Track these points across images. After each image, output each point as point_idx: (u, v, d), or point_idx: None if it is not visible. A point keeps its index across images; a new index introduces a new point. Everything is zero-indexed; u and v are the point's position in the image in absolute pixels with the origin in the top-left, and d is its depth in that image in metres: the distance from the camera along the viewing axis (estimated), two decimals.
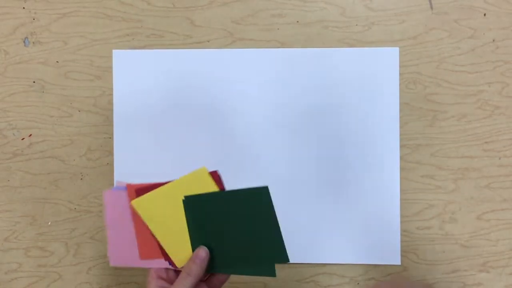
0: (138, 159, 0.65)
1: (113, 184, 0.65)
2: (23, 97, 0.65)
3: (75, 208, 0.65)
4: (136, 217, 0.51)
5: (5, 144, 0.65)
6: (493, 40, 0.64)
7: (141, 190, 0.52)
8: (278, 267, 0.64)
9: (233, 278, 0.64)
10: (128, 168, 0.65)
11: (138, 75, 0.65)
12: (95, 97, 0.65)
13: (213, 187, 0.51)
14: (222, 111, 0.65)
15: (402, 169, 0.64)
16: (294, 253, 0.64)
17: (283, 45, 0.65)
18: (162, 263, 0.51)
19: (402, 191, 0.64)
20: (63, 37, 0.65)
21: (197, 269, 0.48)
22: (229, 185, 0.64)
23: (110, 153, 0.65)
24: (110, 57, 0.65)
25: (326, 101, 0.64)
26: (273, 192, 0.64)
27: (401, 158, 0.64)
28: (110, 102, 0.65)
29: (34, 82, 0.65)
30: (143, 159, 0.65)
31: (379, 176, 0.64)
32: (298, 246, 0.64)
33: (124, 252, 0.51)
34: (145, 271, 0.65)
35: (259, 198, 0.50)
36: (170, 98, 0.65)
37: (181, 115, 0.65)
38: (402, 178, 0.64)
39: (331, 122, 0.64)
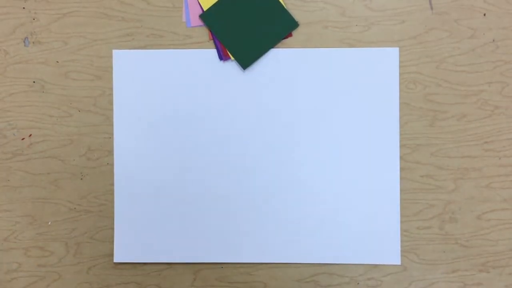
0: (138, 159, 0.65)
1: (113, 184, 0.65)
2: (23, 97, 0.65)
3: (75, 208, 0.65)
4: None
5: (5, 144, 0.65)
6: (493, 40, 0.64)
7: None
8: (278, 267, 0.64)
9: (233, 277, 0.64)
10: (128, 168, 0.65)
11: (138, 75, 0.65)
12: (95, 97, 0.65)
13: None
14: (222, 111, 0.65)
15: (402, 169, 0.64)
16: (294, 253, 0.64)
17: (283, 44, 0.65)
18: None
19: (402, 191, 0.64)
20: (63, 37, 0.65)
21: None
22: (228, 185, 0.65)
23: (110, 153, 0.65)
24: (110, 57, 0.65)
25: (326, 101, 0.64)
26: (274, 192, 0.65)
27: (401, 158, 0.64)
28: (110, 102, 0.65)
29: (34, 82, 0.65)
30: (143, 159, 0.65)
31: (379, 176, 0.64)
32: (298, 246, 0.64)
33: None
34: (145, 271, 0.65)
35: None
36: (170, 98, 0.65)
37: (181, 115, 0.65)
38: (402, 178, 0.64)
39: (331, 122, 0.64)
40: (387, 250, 0.64)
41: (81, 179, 0.65)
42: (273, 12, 0.64)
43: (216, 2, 0.64)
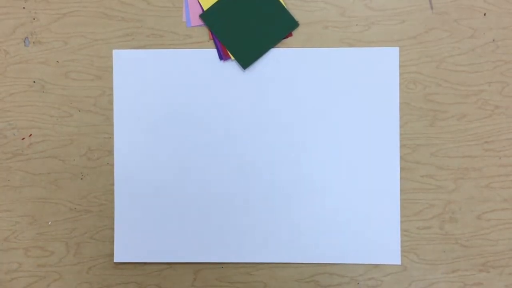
0: (138, 159, 0.65)
1: (113, 184, 0.65)
2: (23, 97, 0.65)
3: (75, 208, 0.65)
4: None
5: (5, 144, 0.65)
6: (493, 40, 0.64)
7: None
8: (278, 267, 0.64)
9: (233, 277, 0.64)
10: (128, 168, 0.65)
11: (138, 75, 0.65)
12: (95, 97, 0.65)
13: None
14: (222, 111, 0.65)
15: (402, 169, 0.64)
16: (294, 253, 0.64)
17: (283, 44, 0.65)
18: None
19: (402, 191, 0.64)
20: (63, 37, 0.65)
21: None
22: (229, 185, 0.65)
23: (110, 153, 0.65)
24: (110, 57, 0.65)
25: (326, 101, 0.64)
26: (274, 192, 0.65)
27: (401, 158, 0.64)
28: (110, 102, 0.65)
29: (34, 82, 0.65)
30: (143, 159, 0.65)
31: (379, 176, 0.64)
32: (298, 246, 0.64)
33: None
34: (145, 271, 0.65)
35: None
36: (170, 98, 0.65)
37: (181, 115, 0.65)
38: (402, 178, 0.64)
39: (331, 122, 0.64)
40: (387, 250, 0.64)
41: (81, 179, 0.65)
42: (273, 12, 0.64)
43: (216, 2, 0.64)
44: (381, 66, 0.64)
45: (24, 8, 0.65)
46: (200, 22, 0.64)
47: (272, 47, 0.64)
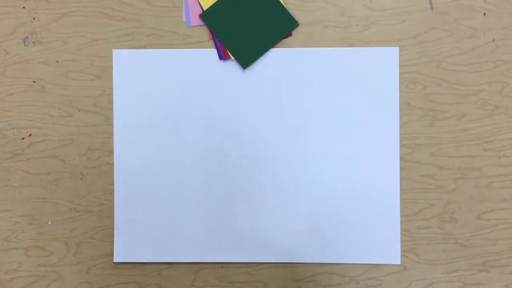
0: (138, 159, 0.65)
1: (113, 184, 0.65)
2: (23, 96, 0.65)
3: (75, 208, 0.65)
4: None
5: (5, 144, 0.65)
6: (493, 40, 0.64)
7: None
8: (278, 267, 0.64)
9: (233, 277, 0.64)
10: (128, 168, 0.65)
11: (138, 75, 0.65)
12: (95, 97, 0.65)
13: None
14: (221, 111, 0.65)
15: (402, 169, 0.64)
16: (294, 253, 0.64)
17: (283, 44, 0.65)
18: None
19: (402, 191, 0.64)
20: (63, 37, 0.65)
21: None
22: (228, 185, 0.65)
23: (110, 153, 0.65)
24: (110, 57, 0.65)
25: (326, 101, 0.64)
26: (273, 192, 0.65)
27: (401, 158, 0.64)
28: (110, 102, 0.65)
29: (34, 81, 0.65)
30: (143, 159, 0.65)
31: (379, 176, 0.64)
32: (298, 246, 0.64)
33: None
34: (145, 271, 0.65)
35: None
36: (170, 98, 0.65)
37: (181, 115, 0.65)
38: (402, 178, 0.64)
39: (331, 122, 0.64)
40: (387, 250, 0.64)
41: (81, 179, 0.65)
42: (273, 11, 0.64)
43: (216, 2, 0.64)
44: (381, 66, 0.64)
45: (24, 8, 0.65)
46: (200, 22, 0.64)
47: (272, 47, 0.64)
